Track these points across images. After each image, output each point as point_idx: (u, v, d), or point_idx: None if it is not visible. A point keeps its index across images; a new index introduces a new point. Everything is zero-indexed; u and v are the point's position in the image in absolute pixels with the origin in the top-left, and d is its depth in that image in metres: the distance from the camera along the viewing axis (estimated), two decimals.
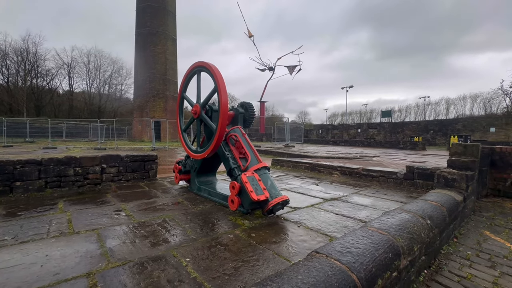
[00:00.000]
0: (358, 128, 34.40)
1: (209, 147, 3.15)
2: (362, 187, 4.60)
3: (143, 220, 2.68)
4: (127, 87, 48.57)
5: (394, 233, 1.94)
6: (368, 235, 1.85)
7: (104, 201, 3.41)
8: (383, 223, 2.12)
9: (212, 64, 3.13)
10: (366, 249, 1.63)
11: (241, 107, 3.66)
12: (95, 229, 2.39)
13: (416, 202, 2.82)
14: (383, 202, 3.60)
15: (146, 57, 28.18)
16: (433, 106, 44.12)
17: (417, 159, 9.98)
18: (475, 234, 3.07)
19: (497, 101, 32.03)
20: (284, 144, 19.49)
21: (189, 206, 3.25)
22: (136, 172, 4.68)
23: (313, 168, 6.27)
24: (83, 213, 2.86)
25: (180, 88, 3.86)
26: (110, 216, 2.78)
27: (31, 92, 39.53)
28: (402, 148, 18.06)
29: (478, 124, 23.86)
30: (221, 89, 2.92)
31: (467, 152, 4.23)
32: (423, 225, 2.27)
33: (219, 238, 2.25)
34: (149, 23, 28.30)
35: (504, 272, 2.05)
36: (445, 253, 2.62)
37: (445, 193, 3.43)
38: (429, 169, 4.35)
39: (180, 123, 3.96)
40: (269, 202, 2.65)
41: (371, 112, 53.52)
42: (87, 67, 44.98)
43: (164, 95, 28.93)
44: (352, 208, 3.26)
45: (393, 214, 2.38)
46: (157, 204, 3.31)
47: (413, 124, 29.88)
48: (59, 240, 2.14)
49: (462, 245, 2.81)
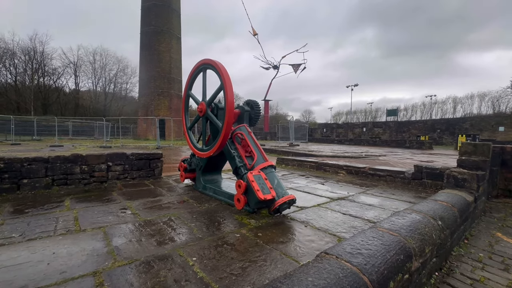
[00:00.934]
0: (363, 127, 34.08)
1: (215, 146, 3.13)
2: (369, 186, 4.54)
3: (149, 219, 2.67)
4: (132, 86, 48.94)
5: (405, 234, 1.89)
6: (379, 236, 1.80)
7: (110, 199, 3.42)
8: (393, 223, 2.07)
9: (218, 61, 3.10)
10: (377, 250, 1.58)
11: (247, 105, 3.63)
12: (101, 227, 2.39)
13: (426, 203, 2.76)
14: (391, 202, 3.54)
15: (150, 56, 28.31)
16: (439, 105, 43.55)
17: (424, 158, 9.83)
18: (486, 235, 3.00)
19: (505, 100, 31.41)
20: (289, 142, 19.41)
21: (195, 204, 3.23)
22: (141, 170, 4.69)
23: (318, 167, 6.21)
24: (89, 211, 2.86)
25: (186, 86, 3.84)
26: (116, 214, 2.77)
27: (38, 91, 40.09)
28: (408, 147, 17.83)
29: (486, 123, 23.40)
30: (227, 87, 2.89)
31: (477, 152, 4.13)
32: (434, 226, 2.22)
33: (225, 237, 2.23)
34: (154, 22, 28.38)
35: None
36: (456, 255, 2.55)
37: (456, 193, 3.35)
38: (438, 168, 4.26)
39: (186, 121, 3.94)
40: (276, 201, 2.62)
41: (376, 111, 53.04)
42: (92, 66, 45.42)
43: (168, 94, 29.04)
44: (359, 208, 3.21)
45: (403, 214, 2.33)
46: (163, 203, 3.30)
47: (419, 123, 29.47)
48: (66, 238, 2.14)
49: (473, 247, 2.74)
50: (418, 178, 4.48)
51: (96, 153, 4.24)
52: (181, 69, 31.48)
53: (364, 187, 4.49)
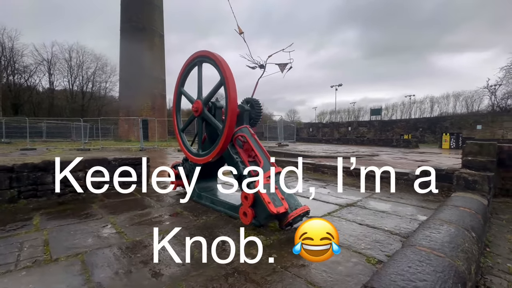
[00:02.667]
0: (349, 126, 34.63)
1: (215, 150, 2.73)
2: (372, 189, 4.31)
3: (138, 239, 2.24)
4: (112, 85, 46.59)
5: (451, 254, 1.62)
6: (425, 258, 1.52)
7: (90, 213, 2.93)
8: (431, 240, 1.80)
9: (217, 53, 2.70)
10: (433, 281, 1.29)
11: (247, 103, 3.26)
12: (78, 254, 1.93)
13: (449, 210, 2.53)
14: (403, 207, 3.31)
15: (132, 54, 27.01)
16: (418, 105, 45.28)
17: (417, 157, 9.90)
18: (503, 241, 2.81)
19: (478, 100, 33.19)
20: (277, 142, 19.19)
21: (190, 217, 2.83)
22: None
23: (316, 168, 5.95)
24: (64, 231, 2.37)
25: (177, 82, 3.40)
26: (97, 235, 2.31)
27: (8, 90, 37.21)
28: (395, 146, 18.16)
29: (465, 121, 24.45)
30: (230, 83, 2.51)
31: (483, 152, 4.02)
32: (471, 240, 1.97)
33: (234, 262, 1.85)
34: (135, 18, 27.14)
35: None
36: (485, 267, 2.32)
37: (471, 197, 3.17)
38: (444, 169, 4.11)
39: (178, 122, 3.50)
40: (289, 214, 2.27)
41: (359, 111, 54.25)
42: (68, 64, 42.81)
43: (151, 93, 27.90)
44: (373, 216, 2.94)
45: (434, 227, 2.07)
46: (153, 216, 2.86)
47: (402, 122, 30.35)
48: (31, 273, 1.67)
49: (498, 256, 2.53)
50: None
51: (73, 159, 3.68)
52: (164, 67, 30.39)
53: (368, 190, 4.26)
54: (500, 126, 22.81)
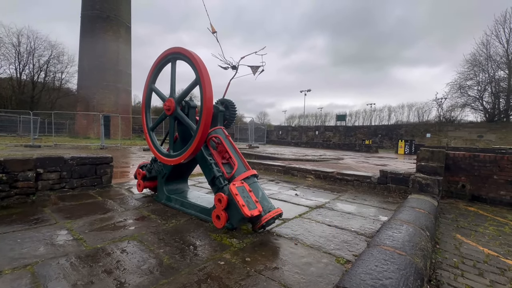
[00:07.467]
0: (316, 130, 36.13)
1: (187, 151, 2.63)
2: (339, 192, 4.54)
3: (99, 246, 2.06)
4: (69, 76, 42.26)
5: (411, 252, 1.76)
6: (389, 257, 1.62)
7: (41, 218, 2.61)
8: (393, 239, 1.94)
9: (193, 51, 2.61)
10: (398, 278, 1.38)
11: (221, 104, 3.21)
12: (27, 265, 1.71)
13: (407, 211, 2.77)
14: (367, 209, 3.53)
15: (94, 44, 24.98)
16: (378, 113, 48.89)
17: (378, 162, 10.66)
18: (449, 238, 3.13)
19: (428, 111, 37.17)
20: (248, 144, 19.25)
21: (159, 221, 2.68)
22: (84, 178, 3.83)
23: (286, 171, 6.08)
24: (9, 239, 2.09)
25: (148, 78, 3.21)
26: (50, 242, 2.07)
27: None
28: (358, 150, 19.40)
29: (417, 130, 27.19)
30: (205, 82, 2.44)
31: (434, 158, 4.48)
32: (426, 238, 2.17)
33: (207, 267, 1.80)
34: (98, 6, 25.18)
35: (494, 280, 2.02)
36: (435, 262, 2.56)
37: (424, 198, 3.51)
38: (401, 174, 4.48)
39: (147, 120, 3.30)
40: (262, 217, 2.28)
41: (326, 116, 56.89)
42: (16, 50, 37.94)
43: (115, 88, 26.09)
44: (341, 217, 3.08)
45: (395, 227, 2.24)
46: (116, 221, 2.66)
47: (364, 128, 32.59)
48: None
49: (446, 252, 2.81)
50: (383, 182, 4.66)
51: (21, 158, 3.27)
52: (130, 61, 28.64)
53: (335, 192, 4.47)
54: (445, 135, 25.77)
